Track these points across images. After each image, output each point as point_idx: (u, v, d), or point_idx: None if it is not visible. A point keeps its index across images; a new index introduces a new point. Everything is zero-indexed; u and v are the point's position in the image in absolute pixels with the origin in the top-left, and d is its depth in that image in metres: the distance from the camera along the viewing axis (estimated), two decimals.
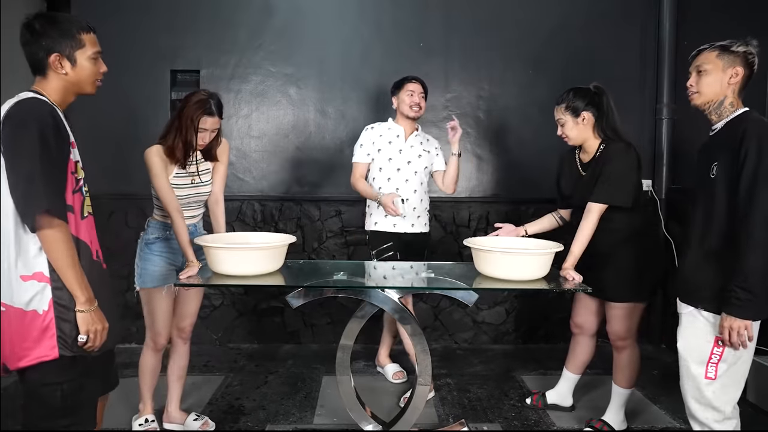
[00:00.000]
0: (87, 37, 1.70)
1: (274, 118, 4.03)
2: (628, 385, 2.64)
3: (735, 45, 1.89)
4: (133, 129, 3.77)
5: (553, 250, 2.16)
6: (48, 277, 1.59)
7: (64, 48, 1.65)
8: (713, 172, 1.88)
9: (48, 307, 1.59)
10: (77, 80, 1.70)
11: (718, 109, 1.93)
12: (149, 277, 2.48)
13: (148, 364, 2.60)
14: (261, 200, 4.02)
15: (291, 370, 3.55)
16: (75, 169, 1.68)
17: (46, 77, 1.67)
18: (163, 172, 2.39)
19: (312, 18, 3.95)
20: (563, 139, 2.55)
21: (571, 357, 2.88)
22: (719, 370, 1.86)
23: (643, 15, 3.99)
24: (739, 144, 1.79)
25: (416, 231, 3.09)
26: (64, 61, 1.66)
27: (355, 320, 2.31)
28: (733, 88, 1.90)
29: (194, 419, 2.74)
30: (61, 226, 1.56)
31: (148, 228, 2.54)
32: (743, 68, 1.89)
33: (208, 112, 2.41)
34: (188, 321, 2.65)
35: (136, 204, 2.52)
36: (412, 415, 2.33)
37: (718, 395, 1.88)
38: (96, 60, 1.73)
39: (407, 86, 3.03)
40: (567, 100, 2.50)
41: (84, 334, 1.61)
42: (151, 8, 3.90)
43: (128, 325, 3.92)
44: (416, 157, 3.07)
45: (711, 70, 1.90)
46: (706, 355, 1.87)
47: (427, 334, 3.97)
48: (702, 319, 1.90)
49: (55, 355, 1.59)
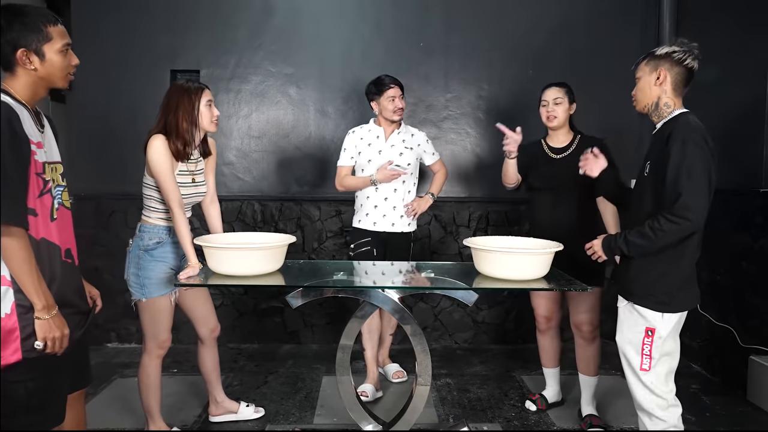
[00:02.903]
0: (55, 29, 1.62)
1: (274, 118, 4.02)
2: (596, 373, 2.78)
3: (659, 49, 2.02)
4: (133, 129, 3.76)
5: (553, 250, 2.16)
6: (9, 281, 1.56)
7: (30, 42, 1.58)
8: (646, 170, 2.04)
9: (11, 310, 1.56)
10: (47, 75, 1.63)
11: (655, 111, 2.04)
12: (155, 287, 2.36)
13: (153, 376, 2.46)
14: (261, 200, 4.02)
15: (291, 370, 3.55)
16: (42, 170, 1.61)
17: (15, 73, 1.60)
18: (170, 162, 2.32)
19: (312, 18, 3.95)
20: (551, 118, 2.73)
21: (549, 353, 2.96)
22: (652, 361, 1.99)
23: (643, 15, 3.99)
24: (665, 144, 1.92)
25: (397, 230, 3.10)
26: (32, 56, 1.59)
27: (355, 320, 2.31)
28: (663, 89, 2.00)
29: (246, 406, 2.85)
30: (17, 234, 1.52)
31: (143, 233, 2.39)
32: (672, 68, 1.98)
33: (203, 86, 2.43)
34: (213, 319, 2.68)
35: (136, 204, 2.50)
36: (412, 415, 2.33)
37: (656, 384, 2.00)
38: (66, 53, 1.65)
39: (387, 93, 3.02)
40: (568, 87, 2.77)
41: (41, 341, 1.58)
42: (151, 8, 3.90)
43: (128, 325, 3.93)
44: (397, 155, 3.07)
45: (641, 76, 2.05)
46: (640, 345, 2.01)
47: (427, 334, 3.97)
48: (635, 313, 2.02)
49: (18, 358, 1.57)
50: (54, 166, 1.69)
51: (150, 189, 2.40)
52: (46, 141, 1.68)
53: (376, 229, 3.07)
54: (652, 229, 1.90)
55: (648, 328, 1.99)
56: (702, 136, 1.89)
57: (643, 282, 2.01)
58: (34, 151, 1.58)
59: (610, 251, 2.08)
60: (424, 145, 3.20)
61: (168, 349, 2.50)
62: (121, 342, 3.99)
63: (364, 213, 3.11)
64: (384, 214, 3.07)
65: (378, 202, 3.07)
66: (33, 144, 1.58)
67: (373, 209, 3.08)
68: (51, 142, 1.72)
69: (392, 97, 3.02)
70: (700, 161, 1.86)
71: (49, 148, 1.69)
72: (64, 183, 1.73)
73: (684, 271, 2.00)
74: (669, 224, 1.87)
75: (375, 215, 3.08)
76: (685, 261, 1.99)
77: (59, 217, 1.68)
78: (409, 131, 3.18)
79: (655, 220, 1.90)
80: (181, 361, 3.60)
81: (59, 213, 1.69)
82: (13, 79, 1.61)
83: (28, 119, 1.59)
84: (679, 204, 1.85)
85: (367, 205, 3.10)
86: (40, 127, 1.66)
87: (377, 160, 3.07)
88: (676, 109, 2.01)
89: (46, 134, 1.69)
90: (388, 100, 3.02)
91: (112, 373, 3.43)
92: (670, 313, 1.97)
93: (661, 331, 1.98)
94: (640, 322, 2.01)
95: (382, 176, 2.99)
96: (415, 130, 3.23)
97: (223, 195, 3.45)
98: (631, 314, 2.05)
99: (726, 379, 3.29)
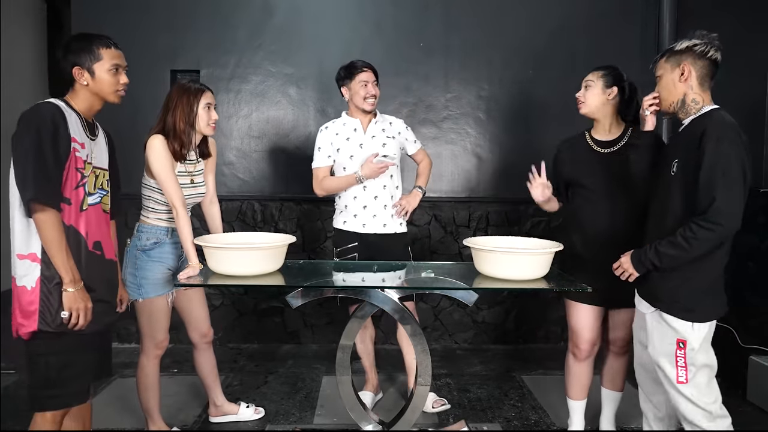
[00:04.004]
0: (106, 51, 1.90)
1: (274, 118, 4.02)
2: (622, 388, 2.59)
3: (678, 44, 1.93)
4: (133, 129, 3.75)
5: (553, 250, 2.16)
6: (39, 259, 1.80)
7: (84, 61, 1.88)
8: (673, 169, 1.92)
9: (35, 284, 1.79)
10: (98, 90, 1.91)
11: (682, 108, 1.95)
12: (151, 287, 2.36)
13: (151, 376, 2.46)
14: (261, 200, 4.02)
15: (291, 370, 3.55)
16: (83, 166, 1.86)
17: (74, 87, 1.91)
18: (170, 161, 2.31)
19: (312, 18, 3.95)
20: (579, 103, 2.36)
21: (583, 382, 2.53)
22: (689, 373, 1.88)
23: (643, 15, 3.99)
24: (698, 143, 1.81)
25: (389, 231, 2.82)
26: (84, 73, 1.88)
27: (355, 320, 2.31)
28: (689, 84, 1.92)
29: (246, 407, 2.86)
30: (51, 212, 1.76)
31: (140, 233, 2.39)
32: (695, 62, 1.90)
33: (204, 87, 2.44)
34: (206, 324, 2.65)
35: (136, 204, 2.49)
36: (412, 415, 2.33)
37: (698, 396, 1.89)
38: (115, 72, 1.92)
39: (359, 76, 2.74)
40: (609, 69, 2.36)
41: (66, 311, 1.79)
42: (151, 8, 3.90)
43: (128, 325, 3.92)
44: (380, 147, 2.79)
45: (663, 74, 1.97)
46: (674, 357, 1.90)
47: (427, 334, 3.97)
48: (664, 323, 1.92)
49: (34, 328, 1.78)
50: (101, 171, 1.97)
51: (148, 189, 2.40)
52: (96, 147, 1.95)
53: (365, 231, 2.79)
54: (685, 239, 1.80)
55: (679, 339, 1.89)
56: (737, 133, 1.81)
57: (668, 286, 1.91)
58: (75, 148, 1.83)
59: (641, 266, 1.96)
60: (405, 133, 2.94)
61: (166, 349, 2.49)
62: (121, 342, 3.99)
63: (351, 214, 2.82)
64: (374, 215, 2.79)
65: (367, 202, 2.79)
66: (76, 142, 1.83)
67: (362, 210, 2.80)
68: (101, 150, 1.99)
69: (364, 82, 2.74)
70: (735, 161, 1.77)
71: (99, 154, 1.96)
72: (108, 189, 2.00)
73: (710, 275, 1.89)
74: (702, 231, 1.77)
75: (364, 216, 2.79)
76: (712, 264, 1.88)
77: (92, 212, 1.91)
78: (386, 119, 2.92)
79: (687, 228, 1.80)
80: (181, 361, 3.60)
81: (94, 211, 1.92)
82: (73, 93, 1.91)
83: (76, 123, 1.85)
84: (713, 209, 1.75)
85: (354, 205, 2.81)
86: (90, 134, 1.93)
87: (360, 154, 2.78)
88: (705, 105, 1.91)
89: (97, 142, 1.97)
90: (360, 84, 2.74)
91: (112, 373, 3.42)
92: (699, 323, 1.87)
93: (692, 342, 1.87)
94: (670, 334, 1.91)
95: (368, 171, 2.69)
96: (392, 118, 2.97)
97: (223, 195, 3.45)
98: (660, 324, 1.94)
99: (726, 379, 3.28)
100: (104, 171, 1.99)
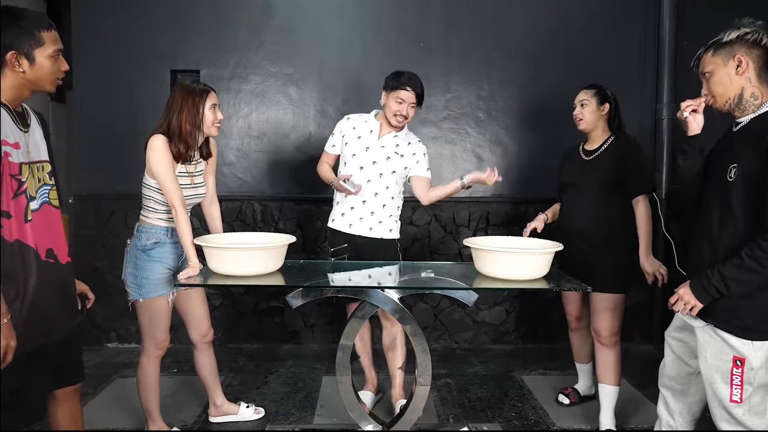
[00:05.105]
0: (48, 34, 1.64)
1: (274, 118, 4.02)
2: (618, 382, 2.63)
3: (726, 34, 1.75)
4: (133, 129, 3.77)
5: (553, 250, 2.16)
6: None
7: (22, 45, 1.60)
8: (731, 174, 1.68)
9: None
10: (35, 78, 1.65)
11: (739, 105, 1.74)
12: (152, 287, 2.35)
13: (151, 376, 2.46)
14: (261, 200, 4.02)
15: (291, 370, 3.55)
16: (18, 172, 1.60)
17: (2, 73, 1.61)
18: (170, 161, 2.30)
19: (312, 18, 3.95)
20: (577, 120, 2.69)
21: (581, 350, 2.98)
22: (744, 393, 1.68)
23: (643, 15, 3.99)
24: (764, 146, 1.60)
25: (375, 236, 2.78)
26: (22, 59, 1.61)
27: (355, 320, 2.31)
28: (747, 77, 1.72)
29: (246, 407, 2.86)
30: None
31: (141, 233, 2.38)
32: (750, 52, 1.71)
33: (208, 88, 2.42)
34: (206, 324, 2.64)
35: (136, 204, 2.49)
36: (412, 415, 2.33)
37: (747, 417, 1.70)
38: (56, 58, 1.67)
39: (399, 93, 2.67)
40: (598, 87, 2.67)
41: None
42: (151, 8, 3.90)
43: (128, 325, 3.92)
44: (384, 158, 2.75)
45: (713, 69, 1.76)
46: (728, 375, 1.70)
47: (427, 334, 3.97)
48: (718, 338, 1.73)
49: None
50: (39, 165, 1.70)
51: (149, 189, 2.40)
52: (30, 140, 1.68)
53: (352, 232, 2.78)
54: (755, 259, 1.58)
55: (736, 357, 1.68)
56: None
57: (726, 302, 1.68)
58: (7, 152, 1.57)
59: (706, 295, 1.70)
60: (421, 158, 2.81)
61: (166, 349, 2.49)
62: (121, 342, 3.99)
63: (339, 213, 2.82)
64: (361, 218, 2.76)
65: (355, 204, 2.76)
66: (8, 144, 1.58)
67: (349, 210, 2.78)
68: (37, 141, 1.72)
69: (401, 100, 2.68)
70: None
71: (34, 148, 1.69)
72: (52, 182, 1.74)
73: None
74: None
75: (351, 217, 2.78)
76: None
77: (39, 218, 1.67)
78: (407, 139, 2.83)
79: (755, 247, 1.58)
80: (181, 361, 3.60)
81: (42, 214, 1.68)
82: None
83: (5, 119, 1.59)
84: None
85: (344, 204, 2.80)
86: (22, 126, 1.67)
87: (363, 156, 2.76)
88: (766, 102, 1.71)
89: (30, 134, 1.70)
90: (396, 100, 2.69)
91: (112, 373, 3.43)
92: (761, 341, 1.65)
93: (752, 361, 1.66)
94: (726, 350, 1.70)
95: (336, 185, 2.73)
96: (416, 141, 2.85)
97: (223, 195, 3.45)
98: (713, 339, 1.73)
99: None
100: (44, 163, 1.72)
